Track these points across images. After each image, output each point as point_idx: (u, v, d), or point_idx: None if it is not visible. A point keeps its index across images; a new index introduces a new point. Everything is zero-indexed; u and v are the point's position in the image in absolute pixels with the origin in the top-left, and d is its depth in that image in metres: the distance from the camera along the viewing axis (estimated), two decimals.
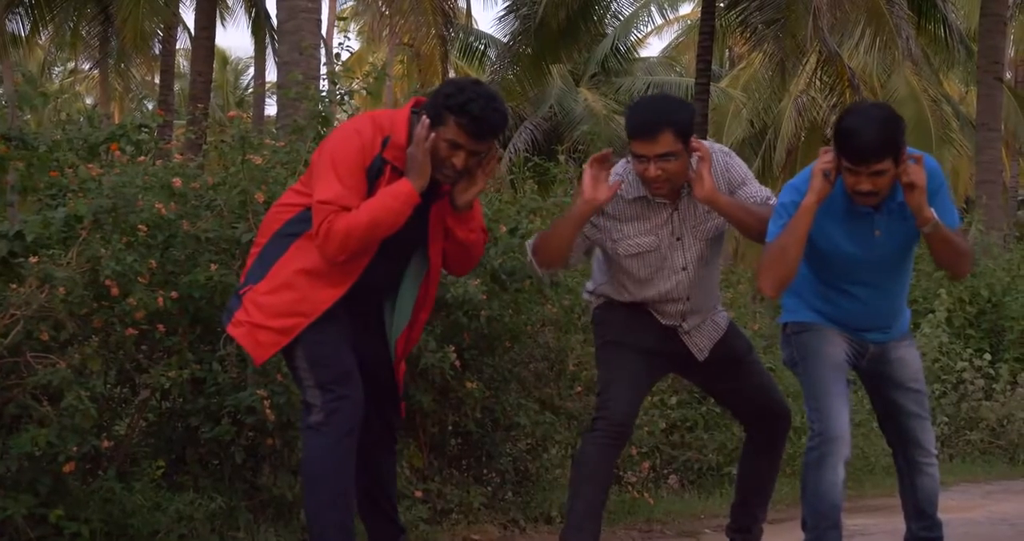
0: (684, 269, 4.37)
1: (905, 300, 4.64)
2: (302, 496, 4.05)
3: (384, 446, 4.36)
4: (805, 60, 15.90)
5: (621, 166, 4.33)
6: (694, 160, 4.14)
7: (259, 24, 21.83)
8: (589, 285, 4.58)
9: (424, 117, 3.79)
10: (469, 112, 3.75)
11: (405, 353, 4.36)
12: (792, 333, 4.46)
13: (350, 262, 3.83)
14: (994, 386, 9.09)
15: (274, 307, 3.82)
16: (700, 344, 4.49)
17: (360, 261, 3.87)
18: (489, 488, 5.76)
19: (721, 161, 4.36)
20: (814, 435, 4.27)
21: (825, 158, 4.06)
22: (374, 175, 3.82)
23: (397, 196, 3.77)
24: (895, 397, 4.51)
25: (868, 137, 3.91)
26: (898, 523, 4.70)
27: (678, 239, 4.35)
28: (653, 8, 29.94)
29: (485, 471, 5.78)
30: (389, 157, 3.85)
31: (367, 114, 4.20)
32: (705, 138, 16.55)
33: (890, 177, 4.04)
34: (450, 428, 5.43)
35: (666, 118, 4.16)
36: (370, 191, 3.82)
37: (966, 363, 9.06)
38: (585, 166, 4.25)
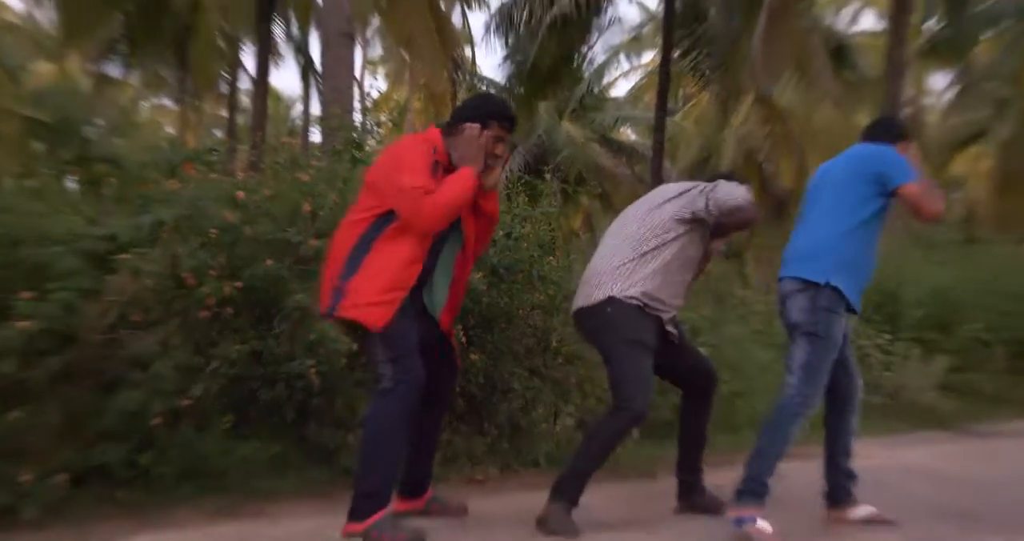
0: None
1: None
2: (360, 442, 4.07)
3: (437, 406, 4.47)
4: (743, 99, 15.84)
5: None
6: None
7: (306, 68, 21.77)
8: (634, 291, 4.35)
9: (471, 124, 4.16)
10: (506, 114, 4.27)
11: (451, 323, 4.49)
12: (829, 309, 4.31)
13: (424, 241, 4.07)
14: (892, 360, 9.12)
15: (379, 287, 3.96)
16: (674, 331, 4.58)
17: (428, 241, 4.10)
18: (489, 439, 5.78)
19: None
20: (805, 397, 4.29)
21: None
22: (432, 172, 4.03)
23: (466, 179, 4.08)
24: (848, 354, 4.62)
25: None
26: (812, 469, 4.74)
27: None
28: (621, 56, 29.83)
29: (485, 425, 5.80)
30: (439, 159, 4.12)
31: (413, 135, 4.42)
32: (662, 162, 16.64)
33: None
34: (458, 391, 5.46)
35: None
36: None
37: (869, 342, 9.15)
38: None
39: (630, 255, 4.40)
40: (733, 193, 4.34)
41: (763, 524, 4.12)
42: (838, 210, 4.41)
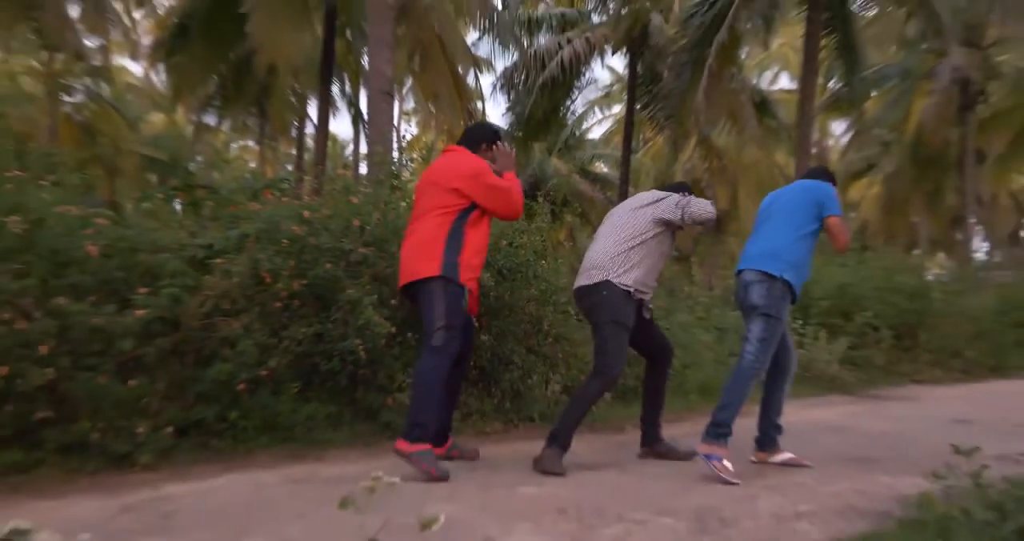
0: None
1: None
2: (412, 385, 4.09)
3: (462, 368, 4.51)
4: (689, 141, 15.85)
5: None
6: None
7: (356, 118, 21.69)
8: (627, 279, 4.44)
9: (501, 143, 4.49)
10: (499, 133, 4.59)
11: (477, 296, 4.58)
12: (781, 296, 4.38)
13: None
14: (804, 340, 9.10)
15: (475, 264, 4.24)
16: (649, 309, 4.68)
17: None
18: (495, 400, 5.76)
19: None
20: (759, 362, 4.35)
21: None
22: None
23: (515, 177, 4.40)
24: (787, 335, 4.63)
25: None
26: (749, 425, 4.72)
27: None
28: (596, 109, 29.90)
29: (492, 390, 5.78)
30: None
31: (465, 152, 4.43)
32: (627, 189, 16.65)
33: None
34: (472, 363, 5.44)
35: None
36: None
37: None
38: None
39: (621, 248, 4.47)
40: (705, 209, 4.47)
41: (727, 463, 4.17)
42: (790, 224, 4.50)
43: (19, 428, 3.89)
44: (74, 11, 15.99)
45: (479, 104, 27.60)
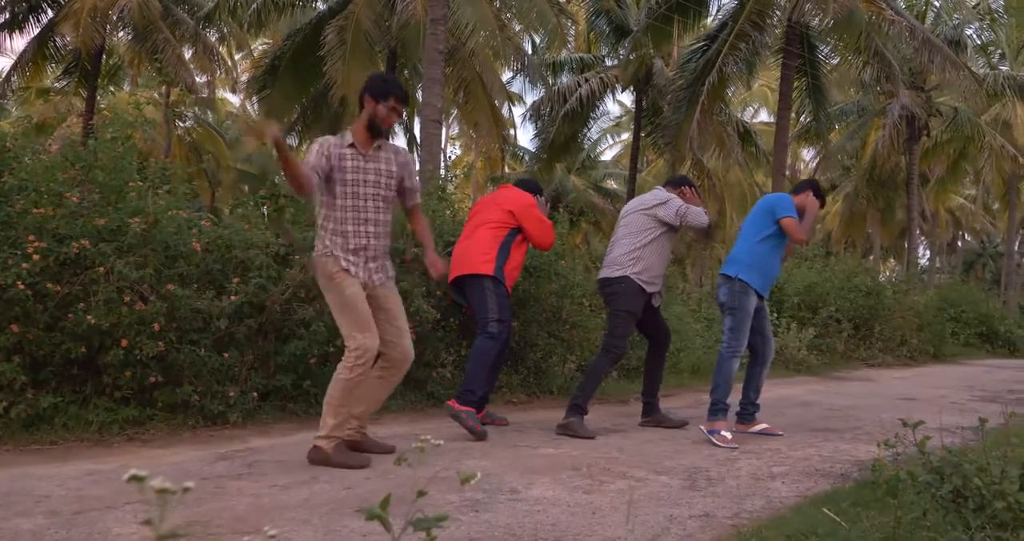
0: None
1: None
2: (469, 362, 4.15)
3: (504, 353, 4.55)
4: (684, 163, 15.72)
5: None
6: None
7: (410, 141, 21.68)
8: (642, 274, 4.36)
9: (541, 198, 4.57)
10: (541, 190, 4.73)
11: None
12: (742, 293, 4.26)
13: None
14: (777, 330, 8.97)
15: (513, 276, 4.36)
16: (658, 299, 4.61)
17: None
18: (521, 375, 5.73)
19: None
20: (733, 348, 4.27)
21: None
22: None
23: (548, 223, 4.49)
24: (765, 326, 4.52)
25: None
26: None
27: None
28: (608, 136, 29.78)
29: (519, 367, 5.74)
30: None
31: (525, 194, 4.48)
32: None
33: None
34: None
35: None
36: None
37: None
38: None
39: (636, 246, 4.41)
40: (699, 217, 4.41)
41: (726, 433, 4.12)
42: (751, 232, 4.41)
43: (135, 390, 3.92)
44: (187, 53, 16.19)
45: (512, 131, 27.63)
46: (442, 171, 7.99)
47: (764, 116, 31.22)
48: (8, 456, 3.27)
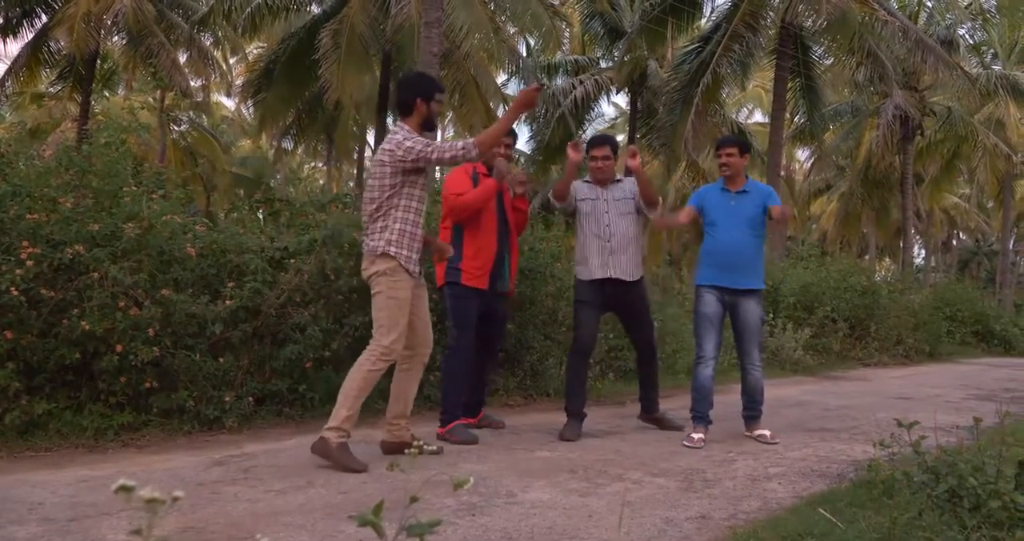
0: None
1: None
2: (440, 381, 4.12)
3: (491, 354, 4.49)
4: (680, 164, 15.73)
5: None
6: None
7: None
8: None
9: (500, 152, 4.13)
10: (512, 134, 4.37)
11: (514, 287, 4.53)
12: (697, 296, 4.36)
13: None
14: (774, 330, 8.97)
15: (480, 256, 4.10)
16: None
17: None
18: (518, 377, 5.72)
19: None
20: (701, 354, 4.32)
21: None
22: (473, 182, 4.09)
23: (489, 187, 4.04)
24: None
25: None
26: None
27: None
28: None
29: (516, 369, 5.73)
30: (480, 171, 4.15)
31: (448, 177, 4.27)
32: None
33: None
34: (500, 348, 5.40)
35: (608, 140, 4.49)
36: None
37: None
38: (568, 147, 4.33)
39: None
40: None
41: (695, 435, 4.14)
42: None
43: (130, 395, 3.91)
44: (182, 57, 16.17)
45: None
46: (437, 174, 7.97)
47: (759, 117, 31.27)
48: (2, 463, 3.25)
